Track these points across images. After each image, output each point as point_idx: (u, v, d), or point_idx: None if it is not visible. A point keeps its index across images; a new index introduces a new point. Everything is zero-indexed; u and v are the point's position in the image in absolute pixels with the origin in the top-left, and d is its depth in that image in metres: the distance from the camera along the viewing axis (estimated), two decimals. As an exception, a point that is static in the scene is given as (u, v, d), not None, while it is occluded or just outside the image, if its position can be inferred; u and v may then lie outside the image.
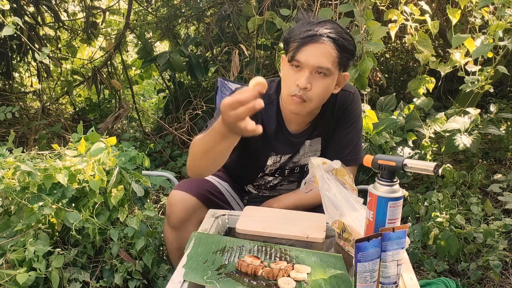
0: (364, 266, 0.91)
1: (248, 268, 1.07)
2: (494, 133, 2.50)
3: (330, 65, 1.34)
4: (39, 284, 1.53)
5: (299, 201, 1.55)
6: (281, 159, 1.58)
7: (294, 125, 1.54)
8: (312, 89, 1.36)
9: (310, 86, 1.35)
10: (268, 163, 1.59)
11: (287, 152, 1.57)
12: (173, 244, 1.56)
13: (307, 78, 1.34)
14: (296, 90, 1.35)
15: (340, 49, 1.35)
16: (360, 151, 1.58)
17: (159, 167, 3.22)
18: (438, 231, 1.96)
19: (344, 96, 1.53)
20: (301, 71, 1.35)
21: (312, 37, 1.32)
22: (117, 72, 4.01)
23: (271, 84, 1.54)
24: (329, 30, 1.34)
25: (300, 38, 1.34)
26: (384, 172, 1.04)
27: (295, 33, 1.37)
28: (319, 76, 1.35)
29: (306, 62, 1.33)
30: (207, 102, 3.22)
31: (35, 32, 3.56)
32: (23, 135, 3.19)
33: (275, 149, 1.56)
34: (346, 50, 1.36)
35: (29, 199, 1.56)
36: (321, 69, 1.34)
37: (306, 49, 1.33)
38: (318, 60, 1.33)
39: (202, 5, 3.63)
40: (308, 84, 1.34)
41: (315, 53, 1.33)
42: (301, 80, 1.34)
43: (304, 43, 1.33)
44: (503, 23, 2.20)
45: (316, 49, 1.33)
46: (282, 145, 1.55)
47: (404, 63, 4.13)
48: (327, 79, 1.37)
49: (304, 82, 1.33)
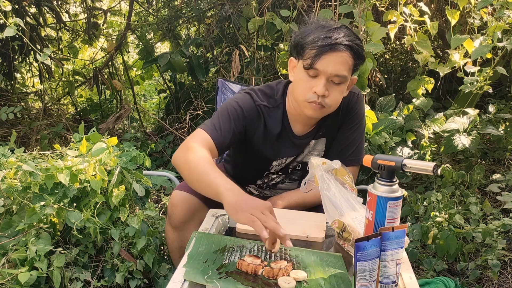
0: (364, 265, 0.92)
1: (248, 268, 1.08)
2: (493, 133, 2.51)
3: (346, 73, 1.37)
4: (41, 283, 1.54)
5: (302, 199, 1.55)
6: (286, 160, 1.60)
7: (299, 127, 1.55)
8: (329, 96, 1.38)
9: (328, 93, 1.37)
10: (273, 163, 1.61)
11: (291, 154, 1.58)
12: (175, 244, 1.57)
13: (324, 85, 1.35)
14: (314, 97, 1.37)
15: (356, 56, 1.37)
16: (362, 151, 1.60)
17: (160, 167, 3.23)
18: (437, 230, 1.96)
19: (349, 97, 1.54)
20: (317, 78, 1.36)
21: (331, 46, 1.33)
22: (118, 72, 4.02)
23: (278, 87, 1.54)
24: (345, 37, 1.34)
25: (318, 46, 1.33)
26: (383, 172, 1.05)
27: (311, 39, 1.36)
28: (335, 83, 1.37)
29: (325, 71, 1.34)
30: (208, 103, 3.24)
31: (36, 33, 3.57)
32: (25, 135, 3.20)
33: (280, 154, 1.57)
34: (360, 57, 1.39)
35: (31, 198, 1.56)
36: (338, 77, 1.36)
37: (324, 57, 1.33)
38: (337, 68, 1.34)
39: (202, 6, 3.64)
40: (326, 91, 1.36)
41: (333, 61, 1.34)
42: (319, 88, 1.35)
43: (323, 52, 1.33)
44: (502, 24, 2.21)
45: (334, 58, 1.34)
46: (286, 148, 1.57)
47: (403, 63, 4.13)
48: (343, 85, 1.39)
49: (323, 90, 1.35)
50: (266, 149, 1.55)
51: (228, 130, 1.44)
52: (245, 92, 1.54)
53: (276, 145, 1.55)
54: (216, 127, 1.43)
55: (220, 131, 1.43)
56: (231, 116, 1.46)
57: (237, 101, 1.50)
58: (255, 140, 1.53)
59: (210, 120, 1.48)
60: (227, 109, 1.48)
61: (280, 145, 1.55)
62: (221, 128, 1.43)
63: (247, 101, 1.50)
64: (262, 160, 1.60)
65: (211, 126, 1.44)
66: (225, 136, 1.43)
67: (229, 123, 1.45)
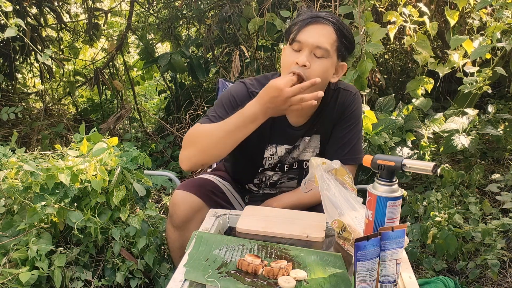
0: (364, 265, 0.92)
1: (248, 267, 1.08)
2: (492, 134, 2.52)
3: (328, 47, 1.39)
4: (42, 282, 1.54)
5: (298, 200, 1.56)
6: (278, 150, 1.59)
7: (294, 117, 1.55)
8: (310, 67, 1.39)
9: (309, 64, 1.38)
10: (265, 155, 1.60)
11: (282, 142, 1.58)
12: (176, 244, 1.58)
13: (306, 56, 1.38)
14: (295, 68, 1.38)
15: (339, 34, 1.41)
16: (359, 151, 1.60)
17: (160, 167, 3.24)
18: (437, 230, 1.97)
19: (345, 95, 1.55)
20: (300, 52, 1.40)
21: (313, 18, 1.40)
22: (119, 73, 4.03)
23: (273, 77, 1.56)
24: (329, 14, 1.42)
25: (301, 20, 1.41)
26: (383, 172, 1.05)
27: (297, 20, 1.44)
28: (318, 57, 1.40)
29: (306, 42, 1.38)
30: (208, 103, 3.24)
31: (37, 34, 3.58)
32: (26, 136, 3.20)
33: (271, 139, 1.57)
34: (344, 37, 1.42)
35: (32, 198, 1.57)
36: (320, 49, 1.38)
37: (306, 29, 1.40)
38: (318, 39, 1.38)
39: (203, 7, 3.65)
40: (307, 62, 1.38)
41: (314, 32, 1.39)
42: (300, 58, 1.38)
43: (305, 24, 1.40)
44: (501, 24, 2.21)
45: (315, 29, 1.40)
46: (278, 135, 1.57)
47: (403, 64, 4.14)
48: (325, 61, 1.41)
49: (304, 60, 1.37)
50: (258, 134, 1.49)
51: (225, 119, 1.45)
52: (240, 81, 1.58)
53: (269, 131, 1.55)
54: (213, 119, 1.46)
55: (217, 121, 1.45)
56: (225, 106, 1.50)
57: (230, 91, 1.54)
58: None
59: (206, 115, 1.51)
60: (221, 100, 1.53)
61: (273, 131, 1.56)
62: (218, 119, 1.45)
63: (240, 89, 1.53)
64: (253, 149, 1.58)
65: (208, 119, 1.47)
66: None
67: (225, 113, 1.46)
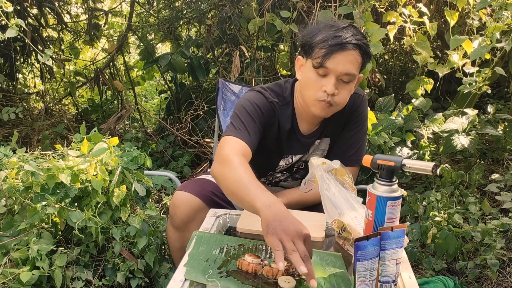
0: (363, 265, 0.92)
1: (248, 267, 1.08)
2: (492, 134, 2.52)
3: (355, 71, 1.38)
4: (42, 282, 1.55)
5: (302, 197, 1.56)
6: (293, 159, 1.61)
7: (305, 125, 1.56)
8: (338, 94, 1.39)
9: (337, 91, 1.38)
10: (280, 163, 1.62)
11: (297, 152, 1.60)
12: (176, 244, 1.58)
13: (334, 84, 1.36)
14: (324, 96, 1.38)
15: (364, 55, 1.38)
16: (363, 152, 1.61)
17: (160, 167, 3.24)
18: (437, 230, 1.97)
19: (353, 98, 1.55)
20: (327, 77, 1.37)
21: (340, 45, 1.34)
22: (120, 73, 4.03)
23: (286, 85, 1.56)
24: (353, 36, 1.36)
25: (328, 45, 1.34)
26: (383, 172, 1.05)
27: (320, 39, 1.36)
28: (345, 82, 1.39)
29: (335, 70, 1.35)
30: (208, 103, 3.24)
31: (38, 34, 3.58)
32: (27, 136, 3.20)
33: (288, 151, 1.59)
34: (368, 55, 1.40)
35: (33, 198, 1.57)
36: (348, 75, 1.37)
37: (334, 56, 1.34)
38: (346, 67, 1.36)
39: (203, 7, 3.65)
40: (336, 90, 1.37)
41: (343, 60, 1.35)
42: (329, 87, 1.36)
43: (333, 51, 1.34)
44: (500, 25, 2.22)
45: (344, 57, 1.35)
46: (293, 146, 1.58)
47: (402, 64, 4.14)
48: (351, 84, 1.41)
49: (333, 89, 1.36)
50: (277, 147, 1.56)
51: (254, 129, 1.44)
52: (255, 90, 1.53)
53: (286, 143, 1.56)
54: (243, 129, 1.42)
55: (247, 131, 1.42)
56: (253, 115, 1.45)
57: (250, 100, 1.48)
58: (269, 137, 1.53)
59: (232, 125, 1.45)
60: (245, 109, 1.46)
61: (289, 143, 1.57)
62: (248, 129, 1.42)
63: (260, 98, 1.50)
64: (270, 158, 1.60)
65: (238, 130, 1.42)
66: (254, 135, 1.43)
67: (253, 122, 1.44)
